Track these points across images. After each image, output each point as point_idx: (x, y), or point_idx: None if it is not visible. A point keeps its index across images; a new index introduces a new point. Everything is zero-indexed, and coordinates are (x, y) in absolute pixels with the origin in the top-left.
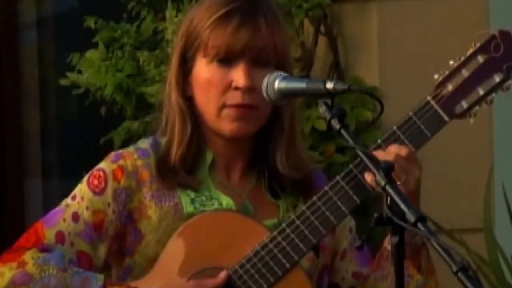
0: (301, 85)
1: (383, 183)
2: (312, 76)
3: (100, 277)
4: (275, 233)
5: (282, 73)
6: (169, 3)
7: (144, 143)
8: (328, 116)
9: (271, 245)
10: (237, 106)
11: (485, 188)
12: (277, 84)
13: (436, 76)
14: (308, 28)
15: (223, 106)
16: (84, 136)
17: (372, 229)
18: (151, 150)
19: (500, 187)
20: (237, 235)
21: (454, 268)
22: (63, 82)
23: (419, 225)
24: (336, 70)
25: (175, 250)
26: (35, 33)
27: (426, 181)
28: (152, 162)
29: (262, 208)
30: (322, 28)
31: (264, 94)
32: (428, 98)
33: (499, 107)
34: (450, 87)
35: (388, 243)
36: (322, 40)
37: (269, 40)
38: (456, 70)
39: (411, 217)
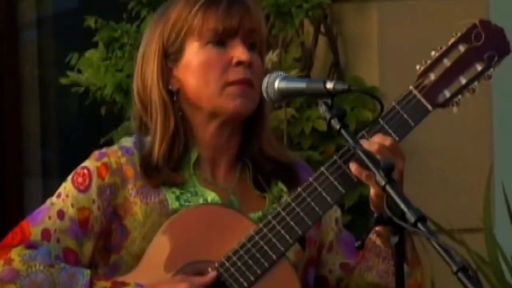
0: (301, 85)
1: (383, 183)
2: (312, 76)
3: (87, 272)
4: (261, 225)
5: (282, 73)
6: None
7: (128, 142)
8: (328, 116)
9: (257, 238)
10: (240, 81)
11: (485, 188)
12: (277, 84)
13: (418, 67)
14: (308, 28)
15: (226, 84)
16: (84, 136)
17: (372, 229)
18: (134, 148)
19: (500, 187)
20: (223, 228)
21: (454, 268)
22: (63, 80)
23: (419, 225)
24: (336, 70)
25: (160, 245)
26: (35, 33)
27: (426, 181)
28: (136, 159)
29: (247, 202)
30: (322, 28)
31: (264, 94)
32: (411, 87)
33: (499, 107)
34: (432, 76)
35: (373, 234)
36: (322, 40)
37: (256, 22)
38: (438, 60)
39: (411, 217)
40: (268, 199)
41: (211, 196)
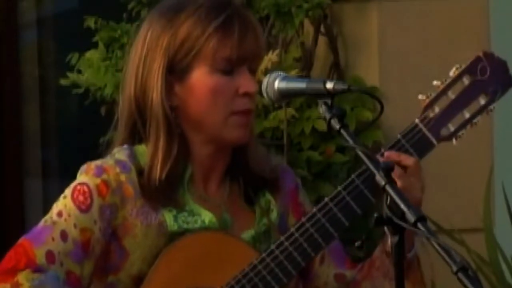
0: (301, 85)
1: (383, 183)
2: (312, 76)
3: None
4: (264, 255)
5: (282, 73)
6: None
7: (121, 155)
8: (328, 116)
9: (260, 267)
10: (245, 112)
11: (485, 188)
12: (277, 84)
13: (421, 97)
14: (308, 28)
15: (231, 114)
16: (84, 136)
17: (372, 229)
18: (130, 163)
19: (500, 187)
20: (224, 256)
21: (454, 268)
22: (63, 82)
23: (419, 225)
24: (336, 70)
25: (162, 271)
26: (35, 33)
27: (426, 181)
28: (134, 177)
29: (239, 218)
30: (322, 28)
31: (264, 94)
32: (417, 121)
33: (499, 107)
34: (436, 109)
35: (379, 251)
36: (322, 40)
37: (262, 48)
38: (442, 92)
39: (411, 217)
40: (257, 212)
41: (208, 217)
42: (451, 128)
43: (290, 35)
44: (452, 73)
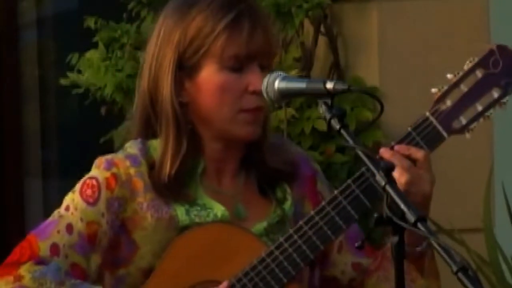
0: (301, 85)
1: (383, 183)
2: (312, 76)
3: None
4: (272, 247)
5: (282, 73)
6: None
7: (133, 148)
8: (328, 116)
9: (268, 260)
10: (254, 109)
11: (485, 188)
12: (277, 84)
13: (434, 90)
14: (308, 28)
15: (239, 111)
16: (84, 136)
17: (372, 229)
18: (141, 157)
19: (500, 187)
20: (233, 248)
21: (454, 268)
22: (63, 81)
23: (419, 225)
24: (336, 70)
25: (171, 263)
26: (35, 33)
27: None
28: (144, 170)
29: (253, 208)
30: (322, 28)
31: (264, 94)
32: (427, 113)
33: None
34: (448, 102)
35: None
36: (322, 40)
37: (273, 44)
38: (455, 85)
39: (411, 217)
40: (272, 203)
41: (220, 210)
42: (463, 121)
43: (290, 35)
44: (466, 66)
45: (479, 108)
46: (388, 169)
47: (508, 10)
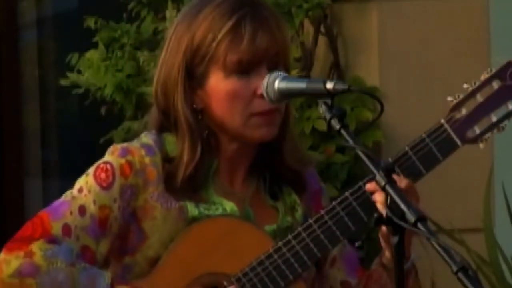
0: (301, 85)
1: (383, 183)
2: (312, 76)
3: (108, 275)
4: (280, 244)
5: (282, 73)
6: (169, 3)
7: (148, 139)
8: (328, 116)
9: (275, 256)
10: (265, 112)
11: (485, 188)
12: (277, 84)
13: (450, 99)
14: (308, 28)
15: (250, 116)
16: (84, 136)
17: (372, 229)
18: (156, 148)
19: (500, 187)
20: (241, 241)
21: (454, 268)
22: (63, 82)
23: (419, 225)
24: (336, 70)
25: (179, 253)
26: (35, 33)
27: (426, 181)
28: (159, 161)
29: (262, 213)
30: (322, 28)
31: (264, 94)
32: (442, 121)
33: None
34: (464, 111)
35: (376, 264)
36: (322, 40)
37: (281, 42)
38: (471, 95)
39: (411, 217)
40: (280, 211)
41: (229, 206)
42: (477, 130)
43: (290, 35)
44: (482, 76)
45: (494, 118)
46: (388, 169)
47: (508, 10)
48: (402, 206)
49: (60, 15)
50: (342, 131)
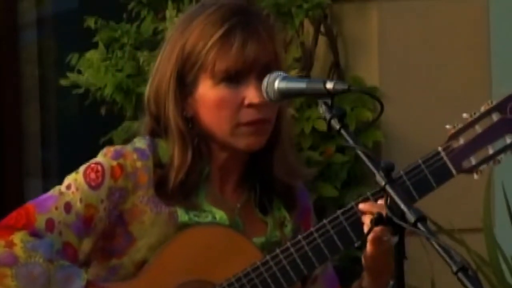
0: (301, 85)
1: (383, 183)
2: (312, 76)
3: (84, 276)
4: (268, 257)
5: (282, 73)
6: (169, 3)
7: (142, 143)
8: (328, 116)
9: (262, 269)
10: (253, 122)
11: (485, 188)
12: (277, 84)
13: (448, 127)
14: (308, 28)
15: (238, 125)
16: (84, 136)
17: (371, 230)
18: (149, 152)
19: (500, 187)
20: (228, 251)
21: (454, 268)
22: (63, 82)
23: (419, 225)
24: (336, 70)
25: (164, 258)
26: (35, 33)
27: None
28: (151, 165)
29: (251, 225)
30: (322, 28)
31: (264, 94)
32: (439, 148)
33: None
34: (461, 140)
35: (356, 285)
36: (322, 40)
37: (272, 52)
38: (470, 125)
39: (411, 217)
40: (269, 224)
41: (219, 214)
42: (473, 161)
43: (290, 35)
44: (483, 107)
45: (491, 151)
46: (388, 169)
47: (508, 10)
48: (402, 206)
49: (60, 15)
50: (342, 131)
